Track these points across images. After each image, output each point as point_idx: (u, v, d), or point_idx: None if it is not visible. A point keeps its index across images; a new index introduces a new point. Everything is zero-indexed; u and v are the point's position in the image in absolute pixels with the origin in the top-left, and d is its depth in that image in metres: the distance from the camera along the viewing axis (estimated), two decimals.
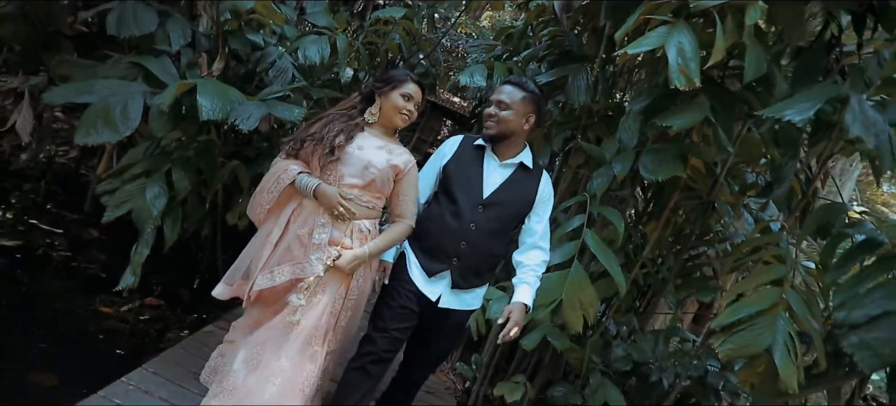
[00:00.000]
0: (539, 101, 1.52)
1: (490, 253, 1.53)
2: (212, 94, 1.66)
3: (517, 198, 1.52)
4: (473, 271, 1.52)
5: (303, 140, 1.40)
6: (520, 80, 1.52)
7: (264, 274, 1.38)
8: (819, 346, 1.52)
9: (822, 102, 1.20)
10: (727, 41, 1.28)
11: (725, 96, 1.53)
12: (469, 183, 1.50)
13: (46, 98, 1.60)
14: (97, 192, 1.85)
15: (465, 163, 1.53)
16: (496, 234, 1.51)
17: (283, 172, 1.40)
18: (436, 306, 1.51)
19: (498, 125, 1.48)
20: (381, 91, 1.43)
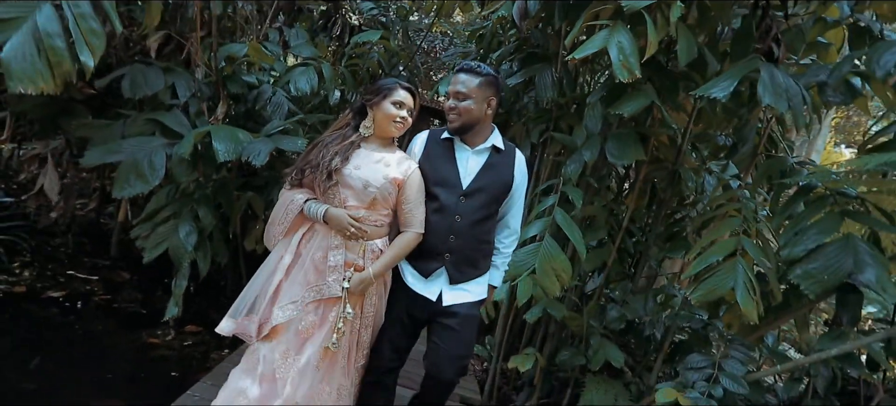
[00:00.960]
0: (497, 83, 1.53)
1: (480, 240, 1.56)
2: (224, 137, 1.92)
3: (496, 181, 1.54)
4: (468, 262, 1.54)
5: (302, 169, 1.43)
6: (473, 66, 1.52)
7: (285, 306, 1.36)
8: (773, 282, 1.80)
9: (739, 78, 1.47)
10: (659, 34, 1.54)
11: (670, 79, 1.81)
12: (446, 177, 1.51)
13: (84, 162, 1.86)
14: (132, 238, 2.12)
15: (437, 157, 1.54)
16: (482, 220, 1.53)
17: (290, 203, 1.42)
18: (439, 305, 1.52)
19: (460, 117, 1.48)
20: (372, 102, 1.44)
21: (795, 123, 1.54)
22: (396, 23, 3.92)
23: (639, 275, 2.52)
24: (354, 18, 3.76)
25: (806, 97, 1.57)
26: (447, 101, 1.52)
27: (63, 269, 2.37)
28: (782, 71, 1.55)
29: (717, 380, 2.02)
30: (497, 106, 1.54)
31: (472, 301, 1.57)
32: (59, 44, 1.34)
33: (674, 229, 2.62)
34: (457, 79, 1.51)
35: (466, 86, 1.48)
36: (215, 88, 2.39)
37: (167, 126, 2.04)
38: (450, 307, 1.53)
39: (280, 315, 1.35)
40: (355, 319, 1.45)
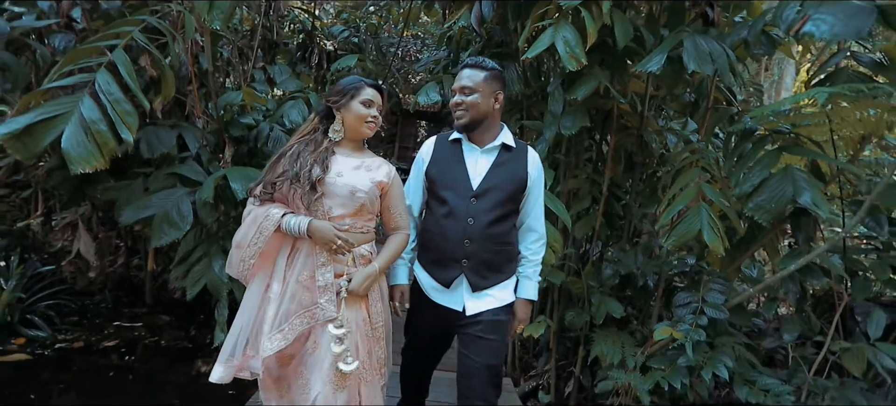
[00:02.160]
0: (502, 77, 1.53)
1: (499, 242, 1.51)
2: (239, 177, 2.25)
3: (508, 179, 1.50)
4: (487, 266, 1.50)
5: (273, 183, 1.34)
6: (477, 61, 1.51)
7: (274, 335, 1.28)
8: (733, 219, 2.13)
9: (667, 51, 1.80)
10: (596, 24, 1.86)
11: (616, 57, 2.13)
12: (455, 179, 1.50)
13: (122, 221, 2.19)
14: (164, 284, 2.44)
15: (446, 161, 1.53)
16: (498, 221, 1.49)
17: (264, 219, 1.31)
18: (464, 315, 1.50)
19: (468, 112, 1.47)
20: (339, 104, 1.39)
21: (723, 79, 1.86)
22: (368, 41, 4.24)
23: (626, 233, 2.85)
24: (329, 45, 4.08)
25: (730, 56, 1.89)
26: (453, 98, 1.51)
27: (109, 322, 2.70)
28: (706, 37, 1.88)
29: (702, 311, 2.36)
30: (504, 100, 1.54)
31: (497, 307, 1.53)
32: (103, 128, 1.67)
33: (654, 187, 2.96)
34: (461, 74, 1.51)
35: (472, 80, 1.47)
36: (219, 136, 2.72)
37: (186, 176, 2.37)
38: (475, 318, 1.50)
39: (268, 346, 1.26)
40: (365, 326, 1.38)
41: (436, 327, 1.55)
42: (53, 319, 2.60)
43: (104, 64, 1.81)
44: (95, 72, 1.78)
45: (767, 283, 2.23)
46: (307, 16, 4.24)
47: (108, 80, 1.77)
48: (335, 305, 1.32)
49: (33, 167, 2.79)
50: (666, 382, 2.46)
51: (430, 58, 3.71)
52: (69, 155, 1.60)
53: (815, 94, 1.56)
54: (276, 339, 1.28)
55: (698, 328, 2.35)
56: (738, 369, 2.44)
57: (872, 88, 1.57)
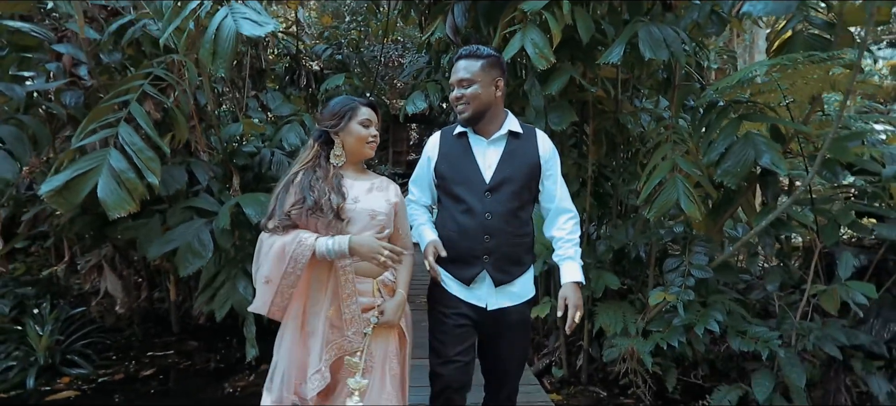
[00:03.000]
0: (500, 62, 1.50)
1: (518, 234, 1.50)
2: (251, 202, 2.50)
3: (521, 166, 1.49)
4: (509, 260, 1.50)
5: (288, 213, 1.32)
6: (472, 50, 1.48)
7: (314, 377, 1.29)
8: (707, 187, 2.39)
9: (625, 42, 2.04)
10: (560, 24, 2.11)
11: (584, 50, 2.38)
12: (466, 175, 1.49)
13: (149, 256, 2.45)
14: (196, 308, 2.71)
15: (454, 157, 1.52)
16: (516, 211, 1.49)
17: (296, 246, 1.27)
18: (488, 312, 1.50)
19: (470, 105, 1.45)
20: (337, 129, 1.38)
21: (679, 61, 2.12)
22: (352, 57, 4.50)
23: (615, 210, 3.11)
24: (314, 65, 4.32)
25: (684, 38, 2.14)
26: (452, 93, 1.50)
27: (142, 353, 2.97)
28: (661, 25, 2.13)
29: (689, 273, 2.62)
30: (505, 86, 1.51)
31: (521, 303, 1.54)
32: (131, 175, 1.92)
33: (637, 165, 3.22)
34: (458, 67, 1.48)
35: (469, 71, 1.45)
36: (225, 166, 2.97)
37: (201, 208, 2.62)
38: (498, 314, 1.51)
39: (311, 387, 1.28)
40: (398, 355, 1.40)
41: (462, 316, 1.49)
42: (91, 357, 2.87)
43: (123, 118, 2.07)
44: (116, 126, 2.04)
45: (745, 240, 2.48)
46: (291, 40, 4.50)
47: (130, 131, 2.03)
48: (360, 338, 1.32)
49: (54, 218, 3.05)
50: (665, 343, 2.72)
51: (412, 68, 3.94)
52: (106, 202, 1.86)
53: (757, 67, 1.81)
54: (315, 381, 1.29)
55: (688, 289, 2.61)
56: (730, 322, 2.70)
57: (808, 56, 1.82)
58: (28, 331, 2.81)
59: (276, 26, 2.03)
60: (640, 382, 3.06)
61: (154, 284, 3.43)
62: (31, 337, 2.79)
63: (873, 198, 2.30)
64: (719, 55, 3.65)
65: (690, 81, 2.73)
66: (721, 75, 3.60)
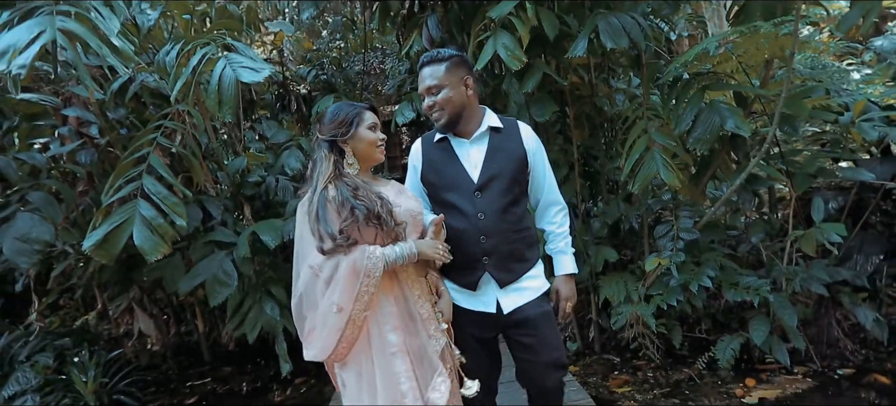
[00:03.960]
0: (464, 61, 1.52)
1: (515, 229, 1.51)
2: (267, 229, 2.79)
3: (507, 161, 1.50)
4: (511, 257, 1.50)
5: (342, 231, 1.26)
6: (433, 55, 1.50)
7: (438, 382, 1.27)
8: (682, 154, 2.66)
9: (588, 35, 2.31)
10: (526, 26, 2.37)
11: (554, 45, 2.65)
12: (453, 179, 1.50)
13: (181, 291, 2.74)
14: (225, 335, 3.00)
15: (438, 162, 1.54)
16: (509, 207, 1.49)
17: (366, 262, 1.23)
18: (502, 316, 1.50)
19: (444, 110, 1.47)
20: (346, 137, 1.36)
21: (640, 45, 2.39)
22: (337, 75, 4.77)
23: (605, 187, 3.39)
24: (302, 88, 4.60)
25: (641, 24, 2.41)
26: (424, 103, 1.52)
27: (182, 385, 3.28)
28: (620, 14, 2.40)
29: (678, 237, 2.91)
30: (475, 84, 1.53)
31: (535, 298, 1.53)
32: (160, 221, 2.20)
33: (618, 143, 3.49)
34: (422, 75, 1.50)
35: (435, 77, 1.47)
36: (235, 199, 3.26)
37: (220, 241, 2.90)
38: (515, 315, 1.51)
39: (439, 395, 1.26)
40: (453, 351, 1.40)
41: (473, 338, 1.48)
42: (136, 394, 3.17)
43: (144, 170, 2.36)
44: (139, 179, 2.33)
45: (724, 199, 2.75)
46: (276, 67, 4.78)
47: (152, 181, 2.32)
48: (441, 335, 1.34)
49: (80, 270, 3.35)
50: (664, 304, 3.01)
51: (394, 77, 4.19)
52: (143, 249, 2.14)
53: (708, 42, 2.08)
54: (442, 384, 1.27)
55: (678, 252, 2.89)
56: (724, 277, 2.98)
57: (751, 26, 2.09)
58: (73, 379, 3.11)
59: (271, 70, 2.30)
60: (648, 344, 3.35)
61: (180, 319, 3.73)
62: (77, 384, 3.09)
63: (835, 144, 2.57)
64: (689, 22, 3.90)
65: (658, 58, 2.99)
66: (694, 42, 3.85)
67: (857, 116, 2.47)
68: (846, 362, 3.01)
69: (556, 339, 1.54)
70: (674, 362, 3.40)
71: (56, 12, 2.05)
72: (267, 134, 3.92)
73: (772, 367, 3.12)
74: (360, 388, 1.27)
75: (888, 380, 2.87)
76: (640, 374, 3.34)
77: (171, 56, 2.50)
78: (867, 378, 2.91)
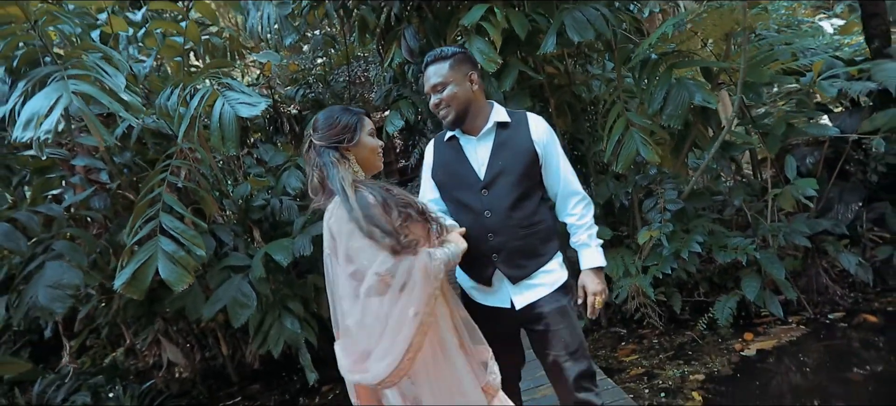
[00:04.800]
0: (468, 56, 1.56)
1: (525, 226, 1.52)
2: (278, 249, 3.04)
3: (515, 156, 1.52)
4: (521, 254, 1.52)
5: (399, 229, 1.22)
6: (436, 54, 1.54)
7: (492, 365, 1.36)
8: (658, 132, 2.90)
9: (556, 31, 2.54)
10: (497, 30, 2.61)
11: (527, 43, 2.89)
12: (461, 177, 1.55)
13: (204, 316, 3.00)
14: (249, 354, 3.27)
15: (448, 161, 1.59)
16: (518, 203, 1.51)
17: (431, 260, 1.22)
18: (516, 312, 1.54)
19: (451, 107, 1.51)
20: (349, 144, 1.33)
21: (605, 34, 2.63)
22: (324, 91, 5.02)
23: (593, 169, 3.63)
24: (292, 108, 4.85)
25: (606, 14, 2.65)
26: (430, 101, 1.55)
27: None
28: (584, 7, 2.63)
29: (665, 208, 3.15)
30: (480, 79, 1.56)
31: (550, 293, 1.55)
32: (182, 254, 2.46)
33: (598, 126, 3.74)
34: (428, 74, 1.54)
35: (440, 75, 1.50)
36: (244, 224, 3.52)
37: (235, 265, 3.16)
38: (528, 311, 1.54)
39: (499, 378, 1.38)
40: None
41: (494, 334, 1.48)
42: None
43: (160, 209, 2.62)
44: (156, 218, 2.59)
45: (703, 168, 3.00)
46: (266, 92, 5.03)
47: (169, 218, 2.57)
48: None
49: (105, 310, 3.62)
50: (660, 272, 3.26)
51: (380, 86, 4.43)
52: (170, 281, 2.40)
53: (665, 27, 2.32)
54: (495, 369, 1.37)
55: (667, 223, 3.14)
56: (713, 240, 3.24)
57: (706, 8, 2.32)
58: None
59: (267, 102, 2.55)
60: (650, 312, 3.61)
61: (203, 345, 4.00)
62: None
63: (801, 104, 2.80)
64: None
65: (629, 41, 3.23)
66: (666, 16, 4.08)
67: (817, 76, 2.70)
68: (837, 307, 3.26)
69: (571, 333, 1.53)
70: (676, 327, 3.65)
71: (67, 77, 2.30)
72: (265, 158, 4.17)
73: (768, 320, 3.38)
74: (436, 396, 1.25)
75: (876, 319, 3.13)
76: (645, 341, 3.60)
77: (172, 100, 2.75)
78: (857, 319, 3.16)
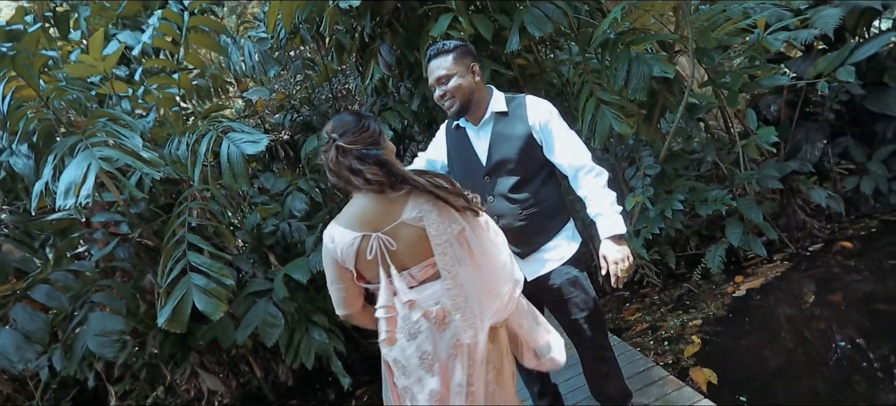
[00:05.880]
0: (469, 49, 1.68)
1: (528, 206, 1.64)
2: (297, 269, 3.41)
3: (513, 143, 1.63)
4: (528, 232, 1.66)
5: None
6: (439, 47, 1.65)
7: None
8: (628, 106, 3.25)
9: (518, 29, 2.89)
10: (465, 34, 2.95)
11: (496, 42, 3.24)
12: (467, 164, 1.72)
13: (239, 341, 3.38)
14: (283, 372, 3.66)
15: (455, 148, 1.77)
16: (519, 187, 1.63)
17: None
18: (529, 284, 1.64)
19: (456, 97, 1.63)
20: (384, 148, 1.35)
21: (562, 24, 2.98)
22: (311, 113, 5.37)
23: None
24: (283, 134, 5.20)
25: (561, 6, 3.00)
26: (435, 93, 1.67)
27: None
28: (542, 2, 2.98)
29: (644, 174, 3.52)
30: (480, 70, 1.69)
31: (560, 265, 1.69)
32: (213, 286, 2.83)
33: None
34: (432, 67, 1.65)
35: (444, 67, 1.62)
36: (259, 251, 3.90)
37: (258, 290, 3.54)
38: (539, 283, 1.69)
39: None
40: None
41: None
42: None
43: (186, 249, 2.99)
44: (184, 258, 2.97)
45: (672, 133, 3.36)
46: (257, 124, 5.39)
47: (196, 256, 2.95)
48: None
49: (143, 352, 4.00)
50: (649, 233, 3.63)
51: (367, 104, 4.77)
52: (207, 312, 2.77)
53: (615, 13, 2.68)
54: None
55: (648, 187, 3.51)
56: (694, 196, 3.61)
57: None
58: None
59: (269, 139, 2.91)
60: (649, 272, 3.98)
61: (236, 372, 4.38)
62: None
63: (752, 60, 3.15)
64: None
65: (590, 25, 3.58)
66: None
67: (765, 30, 3.05)
68: (815, 239, 3.63)
69: (584, 300, 1.69)
70: (674, 281, 4.04)
71: (91, 145, 2.67)
72: (267, 186, 4.53)
73: (755, 261, 3.75)
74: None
75: (851, 244, 3.50)
76: (647, 299, 3.98)
77: (182, 149, 3.12)
78: (834, 247, 3.53)
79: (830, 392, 2.54)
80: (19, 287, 3.26)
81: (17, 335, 2.84)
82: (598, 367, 1.84)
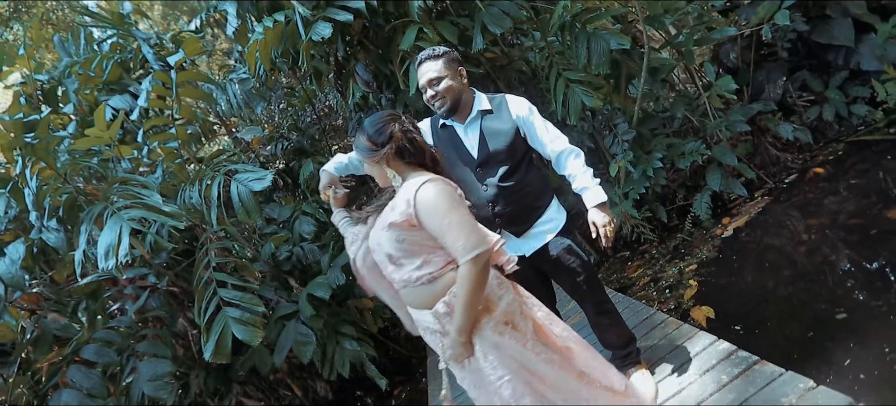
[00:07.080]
0: (454, 53, 1.88)
1: (519, 192, 1.88)
2: (319, 286, 3.79)
3: (499, 139, 1.86)
4: (521, 213, 1.90)
5: None
6: (429, 53, 1.85)
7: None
8: (594, 81, 3.64)
9: (481, 30, 3.28)
10: (433, 43, 3.34)
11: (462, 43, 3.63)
12: (459, 158, 1.90)
13: (277, 364, 3.80)
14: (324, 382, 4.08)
15: (444, 144, 1.93)
16: (509, 175, 1.86)
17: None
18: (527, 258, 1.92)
19: (447, 98, 1.82)
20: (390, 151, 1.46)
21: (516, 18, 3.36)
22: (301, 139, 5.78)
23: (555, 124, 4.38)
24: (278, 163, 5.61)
25: (521, 3, 3.37)
26: (426, 94, 1.85)
27: None
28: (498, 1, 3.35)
29: (622, 140, 3.91)
30: (467, 73, 1.91)
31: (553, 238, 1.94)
32: (247, 315, 3.24)
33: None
34: (423, 70, 1.85)
35: (436, 70, 1.82)
36: (278, 278, 4.31)
37: (286, 313, 3.95)
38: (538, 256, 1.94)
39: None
40: None
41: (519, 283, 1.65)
42: None
43: (216, 287, 3.41)
44: (215, 296, 3.38)
45: (639, 99, 3.74)
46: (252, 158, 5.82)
47: (226, 291, 3.36)
48: None
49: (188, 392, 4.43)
50: (636, 194, 4.03)
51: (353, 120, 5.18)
52: (246, 339, 3.19)
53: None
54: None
55: (626, 152, 3.90)
56: (672, 152, 3.99)
57: None
58: None
59: (272, 174, 3.32)
60: (644, 229, 4.38)
61: (278, 395, 4.82)
62: None
63: (700, 18, 3.53)
64: None
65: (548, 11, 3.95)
66: None
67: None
68: (790, 171, 4.01)
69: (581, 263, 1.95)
70: (669, 233, 4.43)
71: (117, 210, 3.08)
72: (274, 215, 4.95)
73: (739, 202, 4.14)
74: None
75: (823, 169, 3.88)
76: (646, 255, 4.38)
77: (195, 197, 3.52)
78: (808, 175, 3.91)
79: (816, 302, 2.87)
80: (64, 353, 3.68)
81: (78, 394, 3.25)
82: (601, 319, 2.09)
